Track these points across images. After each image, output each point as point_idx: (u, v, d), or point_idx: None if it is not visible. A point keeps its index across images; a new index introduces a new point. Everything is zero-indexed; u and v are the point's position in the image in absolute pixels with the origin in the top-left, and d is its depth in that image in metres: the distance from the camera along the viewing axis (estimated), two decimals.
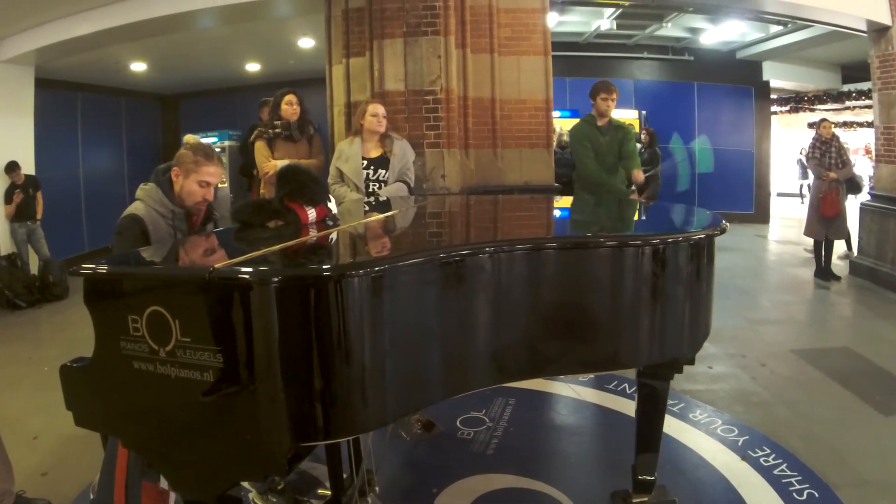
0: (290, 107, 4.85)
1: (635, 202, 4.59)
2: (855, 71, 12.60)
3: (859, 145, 15.97)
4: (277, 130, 4.87)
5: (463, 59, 5.66)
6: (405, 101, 5.38)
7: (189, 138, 2.72)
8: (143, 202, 2.64)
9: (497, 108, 5.93)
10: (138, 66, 9.93)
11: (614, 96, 4.99)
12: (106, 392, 1.90)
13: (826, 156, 7.36)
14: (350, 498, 2.78)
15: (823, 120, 7.72)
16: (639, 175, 4.99)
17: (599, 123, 5.00)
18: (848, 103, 13.96)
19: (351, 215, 3.40)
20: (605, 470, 3.25)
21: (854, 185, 8.46)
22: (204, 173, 2.65)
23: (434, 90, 5.36)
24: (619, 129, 5.08)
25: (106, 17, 6.73)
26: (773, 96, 13.91)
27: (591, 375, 4.44)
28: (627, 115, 11.09)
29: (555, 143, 7.09)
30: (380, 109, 4.37)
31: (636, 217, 3.64)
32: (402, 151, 4.42)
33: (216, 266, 1.74)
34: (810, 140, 7.72)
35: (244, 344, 1.66)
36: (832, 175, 7.28)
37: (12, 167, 7.55)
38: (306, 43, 9.01)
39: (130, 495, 2.29)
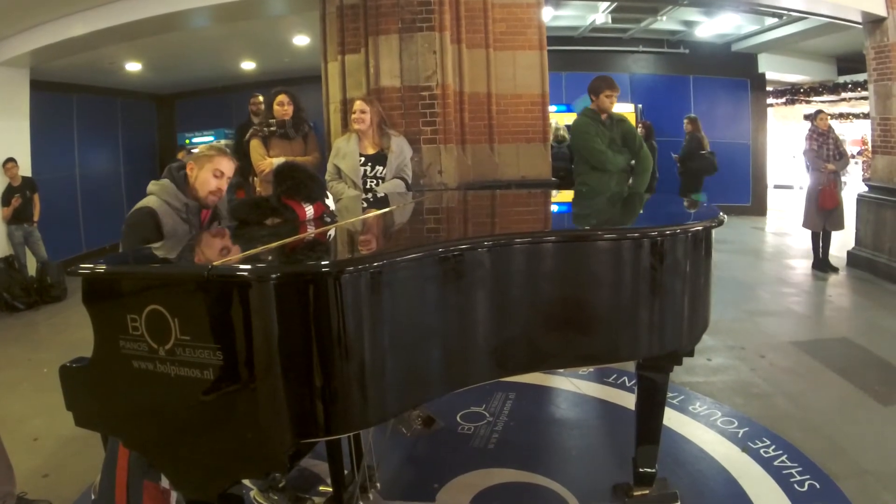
0: (280, 107, 4.86)
1: (642, 196, 4.58)
2: (851, 62, 12.59)
3: (856, 137, 15.96)
4: (272, 129, 4.86)
5: (458, 55, 5.65)
6: (401, 97, 5.37)
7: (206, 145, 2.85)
8: (157, 196, 2.65)
9: (493, 103, 5.92)
10: (133, 67, 9.91)
11: (618, 93, 4.97)
12: (106, 392, 1.90)
13: (824, 147, 7.36)
14: (351, 494, 2.78)
15: (820, 111, 7.72)
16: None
17: (602, 118, 4.98)
18: (844, 95, 13.94)
19: (349, 212, 3.41)
20: (605, 463, 3.26)
21: (709, 166, 8.53)
22: (218, 162, 2.72)
23: (430, 86, 5.35)
24: (621, 122, 5.08)
25: (100, 17, 6.70)
26: (769, 88, 13.90)
27: (591, 369, 4.44)
28: (623, 109, 11.09)
29: (551, 138, 7.08)
30: (360, 106, 4.36)
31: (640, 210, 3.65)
32: (400, 148, 4.42)
33: (214, 264, 1.74)
34: (806, 132, 7.70)
35: (244, 341, 1.66)
36: (830, 167, 7.28)
37: (9, 161, 7.53)
38: (301, 40, 8.99)
39: (131, 495, 2.29)
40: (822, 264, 7.52)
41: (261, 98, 6.98)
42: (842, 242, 7.89)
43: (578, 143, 5.14)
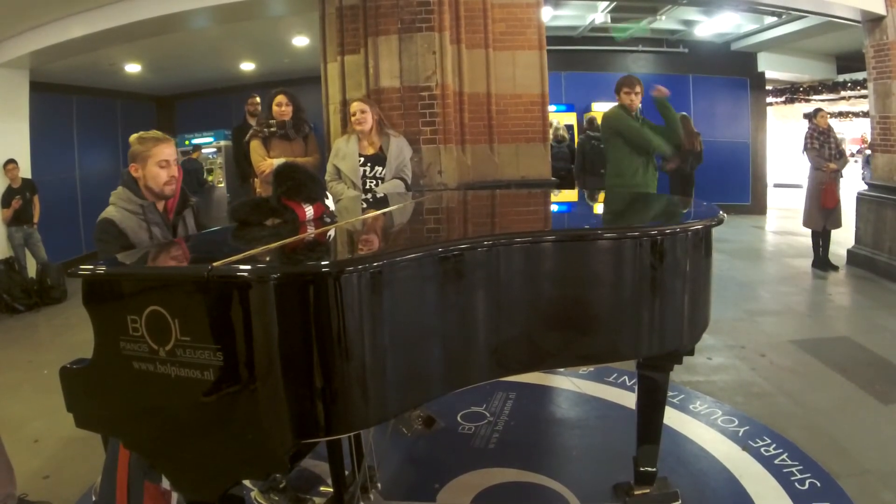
0: (279, 108, 4.86)
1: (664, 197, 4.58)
2: (850, 61, 12.60)
3: (855, 135, 15.98)
4: (273, 129, 4.86)
5: (458, 55, 5.65)
6: (400, 97, 5.37)
7: (133, 136, 2.75)
8: (114, 205, 2.69)
9: (493, 103, 5.93)
10: (133, 68, 9.91)
11: (638, 90, 5.02)
12: (106, 393, 1.90)
13: (825, 146, 7.36)
14: (352, 495, 2.78)
15: (819, 110, 7.72)
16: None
17: (632, 112, 5.07)
18: (843, 93, 13.95)
19: (349, 212, 3.41)
20: (606, 462, 3.26)
21: (697, 156, 8.49)
22: (158, 155, 2.69)
23: (429, 86, 5.35)
24: (646, 122, 5.14)
25: (99, 18, 6.71)
26: (769, 87, 13.91)
27: (591, 368, 4.44)
28: None
29: (551, 138, 7.08)
30: (360, 106, 4.36)
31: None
32: (399, 148, 4.42)
33: (215, 264, 1.74)
34: (806, 130, 7.68)
35: (244, 342, 1.66)
36: (832, 166, 7.29)
37: (10, 162, 7.54)
38: (301, 41, 9.00)
39: (132, 496, 2.29)
40: (822, 263, 7.52)
41: (258, 99, 6.97)
42: (842, 241, 7.89)
43: (614, 126, 5.13)
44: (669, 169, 5.04)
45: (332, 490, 2.83)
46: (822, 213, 7.37)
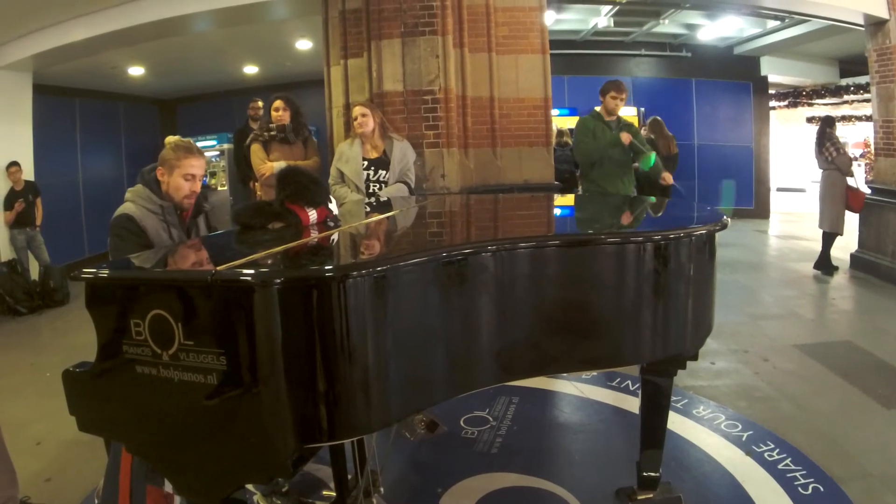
0: (276, 112, 4.89)
1: (643, 199, 4.58)
2: (853, 65, 12.58)
3: (858, 139, 15.96)
4: (273, 133, 4.88)
5: (461, 59, 5.65)
6: (404, 101, 5.37)
7: (170, 139, 2.75)
8: (133, 202, 2.68)
9: (496, 107, 5.93)
10: (136, 71, 9.92)
11: (623, 96, 5.11)
12: (109, 396, 1.90)
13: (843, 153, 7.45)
14: (355, 499, 2.78)
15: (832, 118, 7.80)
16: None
17: (607, 118, 5.12)
18: (846, 97, 13.93)
19: (352, 216, 3.40)
20: (609, 467, 3.25)
21: (674, 160, 8.44)
22: (187, 166, 2.69)
23: (433, 90, 5.35)
24: (629, 126, 5.20)
25: (102, 21, 6.72)
26: (772, 91, 13.89)
27: (595, 373, 4.43)
28: (626, 112, 11.07)
29: (554, 141, 7.07)
30: (360, 110, 4.37)
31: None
32: (402, 152, 4.42)
33: (218, 269, 1.74)
34: (829, 136, 7.58)
35: (247, 346, 1.66)
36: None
37: (12, 165, 7.55)
38: (304, 45, 9.01)
39: (135, 499, 2.29)
40: (828, 265, 7.51)
41: (260, 103, 7.00)
42: (845, 245, 7.87)
43: (575, 142, 5.34)
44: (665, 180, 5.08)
45: (334, 494, 2.83)
46: (842, 216, 7.43)
